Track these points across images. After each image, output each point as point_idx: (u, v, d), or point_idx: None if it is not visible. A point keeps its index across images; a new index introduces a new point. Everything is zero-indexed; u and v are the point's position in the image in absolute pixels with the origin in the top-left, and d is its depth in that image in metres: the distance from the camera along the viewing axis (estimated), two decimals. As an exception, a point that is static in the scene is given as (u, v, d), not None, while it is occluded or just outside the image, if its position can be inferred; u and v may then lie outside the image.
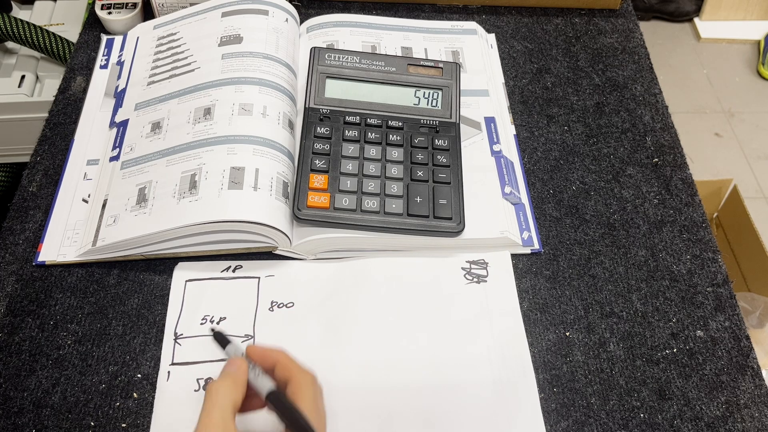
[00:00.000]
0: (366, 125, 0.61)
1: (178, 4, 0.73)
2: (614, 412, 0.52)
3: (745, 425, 0.51)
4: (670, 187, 0.65)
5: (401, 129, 0.61)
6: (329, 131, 0.60)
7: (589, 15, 0.81)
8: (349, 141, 0.60)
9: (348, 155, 0.59)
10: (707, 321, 0.57)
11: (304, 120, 0.61)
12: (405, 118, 0.62)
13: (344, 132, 0.60)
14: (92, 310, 0.55)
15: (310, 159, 0.58)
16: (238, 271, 0.57)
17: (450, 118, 0.63)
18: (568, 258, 0.60)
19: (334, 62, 0.64)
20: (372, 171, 0.59)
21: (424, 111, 0.63)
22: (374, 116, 0.62)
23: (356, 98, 0.63)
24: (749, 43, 1.93)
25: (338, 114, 0.61)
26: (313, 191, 0.57)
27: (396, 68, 0.65)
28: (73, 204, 0.60)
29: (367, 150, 0.60)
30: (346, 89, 0.63)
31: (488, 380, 0.52)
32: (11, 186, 1.06)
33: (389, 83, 0.64)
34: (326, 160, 0.59)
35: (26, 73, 1.02)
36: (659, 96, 0.73)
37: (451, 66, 0.65)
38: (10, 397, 0.51)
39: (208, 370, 0.52)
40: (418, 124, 0.62)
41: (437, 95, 0.64)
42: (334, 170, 0.58)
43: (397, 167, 0.59)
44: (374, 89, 0.64)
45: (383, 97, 0.63)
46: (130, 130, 0.63)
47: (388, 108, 0.63)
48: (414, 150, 0.60)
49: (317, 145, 0.59)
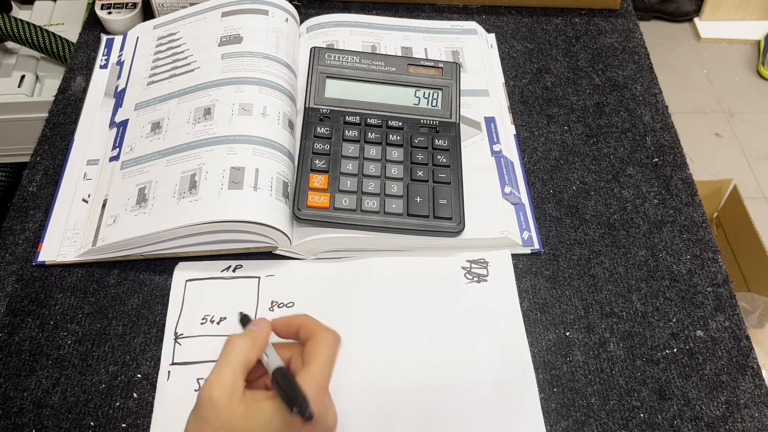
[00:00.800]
0: (366, 125, 0.61)
1: (178, 4, 0.73)
2: (614, 412, 0.52)
3: (745, 425, 0.51)
4: (670, 187, 0.65)
5: (401, 129, 0.61)
6: (329, 131, 0.60)
7: (589, 15, 0.81)
8: (349, 141, 0.60)
9: (348, 155, 0.59)
10: (707, 321, 0.57)
11: (304, 120, 0.61)
12: (405, 118, 0.62)
13: (344, 132, 0.60)
14: (92, 310, 0.55)
15: (310, 159, 0.58)
16: (238, 271, 0.57)
17: (450, 118, 0.63)
18: (568, 258, 0.60)
19: (334, 62, 0.64)
20: (372, 171, 0.59)
21: (424, 111, 0.63)
22: (374, 116, 0.62)
23: (356, 98, 0.63)
24: (749, 43, 1.93)
25: (338, 114, 0.61)
26: (313, 191, 0.57)
27: (396, 68, 0.65)
28: (73, 204, 0.60)
29: (367, 150, 0.60)
30: (346, 89, 0.63)
31: (488, 380, 0.52)
32: (11, 186, 1.06)
33: (389, 83, 0.64)
34: (326, 160, 0.59)
35: (26, 73, 1.02)
36: (659, 96, 0.73)
37: (451, 66, 0.65)
38: (10, 397, 0.51)
39: (208, 370, 0.52)
40: (418, 124, 0.62)
41: (437, 95, 0.64)
42: (334, 170, 0.58)
43: (397, 167, 0.59)
44: (374, 89, 0.64)
45: (383, 97, 0.63)
46: (130, 130, 0.63)
47: (388, 108, 0.63)
48: (414, 150, 0.60)
49: (317, 145, 0.59)
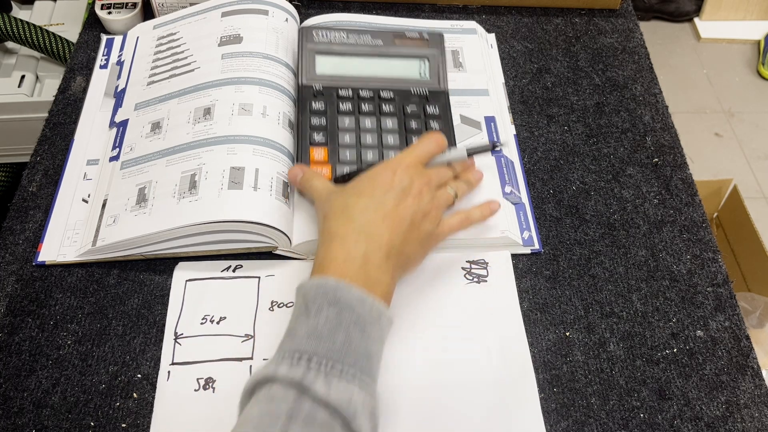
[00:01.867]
0: (359, 98, 0.63)
1: (178, 4, 0.73)
2: (614, 412, 0.52)
3: (745, 425, 0.51)
4: (670, 187, 0.65)
5: (393, 100, 0.63)
6: (324, 106, 0.62)
7: (589, 15, 0.81)
8: (344, 114, 0.62)
9: (345, 128, 0.61)
10: (707, 321, 0.57)
11: (298, 97, 0.63)
12: (396, 89, 0.64)
13: (338, 106, 0.62)
14: (92, 310, 0.55)
15: (308, 134, 0.60)
16: (238, 271, 0.57)
17: (439, 87, 0.65)
18: (568, 258, 0.60)
19: (323, 39, 0.66)
20: (369, 141, 0.60)
21: (413, 81, 0.65)
22: (366, 89, 0.64)
23: (347, 73, 0.64)
24: (749, 43, 1.93)
25: (331, 89, 0.63)
26: (315, 165, 0.58)
27: (383, 41, 0.66)
28: (73, 204, 0.60)
29: (363, 121, 0.62)
30: (337, 64, 0.65)
31: (488, 380, 0.52)
32: (11, 186, 1.06)
33: (377, 56, 0.66)
34: (324, 133, 0.60)
35: (26, 73, 1.02)
36: (659, 96, 0.73)
37: (436, 36, 0.67)
38: (10, 397, 0.51)
39: (208, 370, 0.52)
40: (409, 93, 0.64)
41: (425, 65, 0.66)
42: (332, 143, 0.60)
43: (393, 136, 0.61)
44: (363, 63, 0.65)
45: (373, 70, 0.65)
46: (130, 130, 0.63)
47: (378, 80, 0.64)
48: (407, 119, 0.62)
49: (314, 120, 0.61)
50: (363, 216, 0.48)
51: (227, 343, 0.53)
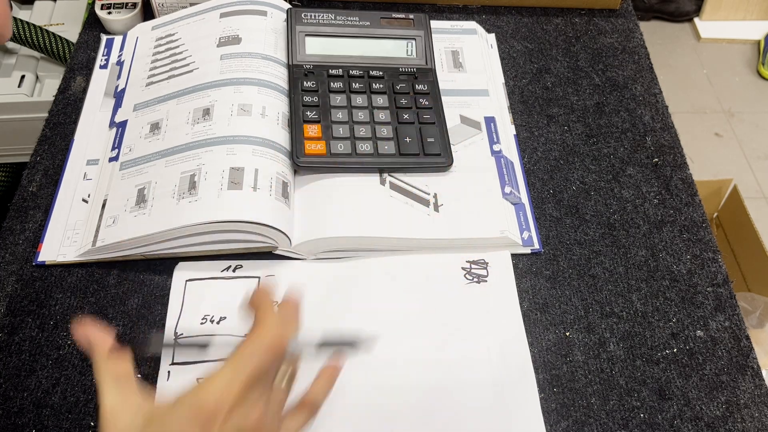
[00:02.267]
0: (349, 76, 0.64)
1: (177, 4, 0.73)
2: (614, 412, 0.52)
3: (745, 425, 0.51)
4: (670, 187, 0.65)
5: (382, 78, 0.65)
6: (315, 84, 0.63)
7: (589, 15, 0.81)
8: (335, 92, 0.63)
9: (336, 105, 0.63)
10: (707, 321, 0.56)
11: (290, 77, 0.64)
12: (384, 67, 0.66)
13: (329, 84, 0.64)
14: (92, 310, 0.55)
15: (301, 111, 0.61)
16: (238, 271, 0.57)
17: (426, 65, 0.67)
18: (568, 258, 0.60)
19: (311, 20, 0.67)
20: (361, 117, 0.62)
21: (401, 60, 0.67)
22: (356, 67, 0.65)
23: (336, 53, 0.66)
24: (749, 43, 1.93)
25: (321, 68, 0.65)
26: (309, 140, 0.60)
27: (370, 22, 0.68)
28: (73, 204, 0.60)
29: (354, 99, 0.63)
30: (326, 45, 0.66)
31: (488, 380, 0.52)
32: (11, 186, 1.06)
33: (365, 36, 0.67)
34: (316, 110, 0.62)
35: (26, 73, 1.02)
36: (659, 96, 0.73)
37: (421, 17, 0.69)
38: (10, 397, 0.51)
39: (208, 370, 0.52)
40: (398, 72, 0.66)
41: (411, 44, 0.68)
42: (325, 120, 0.61)
43: (384, 112, 0.63)
44: (352, 43, 0.67)
45: (361, 50, 0.67)
46: (129, 130, 0.63)
47: (367, 60, 0.66)
48: (397, 96, 0.64)
49: (306, 98, 0.62)
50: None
51: (227, 343, 0.53)
